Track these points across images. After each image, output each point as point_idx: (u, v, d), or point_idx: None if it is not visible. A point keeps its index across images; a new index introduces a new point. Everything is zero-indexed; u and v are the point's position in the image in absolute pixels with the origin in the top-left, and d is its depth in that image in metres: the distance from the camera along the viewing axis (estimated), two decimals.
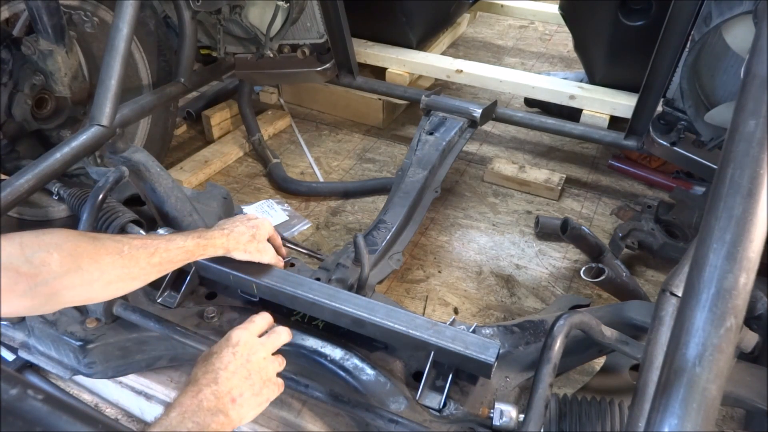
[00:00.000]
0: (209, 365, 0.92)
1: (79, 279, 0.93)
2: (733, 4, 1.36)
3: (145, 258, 1.05)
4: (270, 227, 1.35)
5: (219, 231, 1.25)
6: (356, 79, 2.46)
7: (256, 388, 0.94)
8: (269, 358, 1.00)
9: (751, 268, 0.73)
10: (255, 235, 1.29)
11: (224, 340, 0.97)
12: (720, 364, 0.70)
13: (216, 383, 0.88)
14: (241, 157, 2.58)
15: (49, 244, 0.90)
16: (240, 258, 1.28)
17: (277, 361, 1.01)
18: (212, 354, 0.95)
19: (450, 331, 1.17)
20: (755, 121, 0.79)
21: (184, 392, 0.86)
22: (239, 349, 0.95)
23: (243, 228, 1.28)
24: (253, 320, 1.03)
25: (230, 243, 1.24)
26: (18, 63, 1.72)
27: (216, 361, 0.92)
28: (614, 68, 2.36)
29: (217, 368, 0.91)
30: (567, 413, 1.08)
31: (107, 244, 0.99)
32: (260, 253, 1.30)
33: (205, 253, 1.20)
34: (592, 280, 1.57)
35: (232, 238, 1.25)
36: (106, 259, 0.97)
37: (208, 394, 0.86)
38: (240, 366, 0.93)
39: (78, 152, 1.56)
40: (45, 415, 0.60)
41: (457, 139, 2.04)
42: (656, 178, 2.38)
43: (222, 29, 2.18)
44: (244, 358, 0.95)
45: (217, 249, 1.22)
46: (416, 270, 1.99)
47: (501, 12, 3.66)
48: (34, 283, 0.86)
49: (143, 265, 1.04)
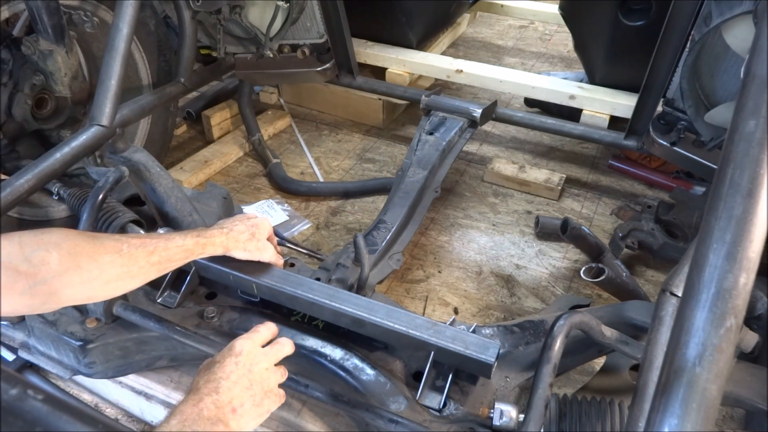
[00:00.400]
0: (211, 374, 0.91)
1: (78, 278, 0.93)
2: (733, 4, 1.36)
3: (144, 257, 1.04)
4: (269, 226, 1.35)
5: (218, 230, 1.24)
6: (356, 79, 2.46)
7: (257, 399, 0.93)
8: (271, 368, 0.99)
9: (751, 268, 0.73)
10: (254, 233, 1.29)
11: (227, 349, 0.97)
12: (720, 364, 0.70)
13: (217, 393, 0.88)
14: (241, 157, 2.58)
15: (48, 243, 0.90)
16: (240, 257, 1.28)
17: (279, 372, 1.01)
18: (215, 363, 0.94)
19: (450, 331, 1.17)
20: (755, 121, 0.79)
21: (185, 400, 0.86)
22: (242, 359, 0.95)
23: (242, 227, 1.28)
24: (258, 330, 1.03)
25: (230, 242, 1.24)
26: (18, 63, 1.72)
27: (218, 371, 0.92)
28: (614, 68, 2.36)
29: (218, 377, 0.91)
30: (567, 413, 1.08)
31: (106, 243, 0.99)
32: (260, 251, 1.30)
33: (204, 252, 1.19)
34: (592, 280, 1.57)
35: (232, 237, 1.25)
36: (105, 258, 0.97)
37: (208, 403, 0.86)
38: (242, 376, 0.93)
39: (78, 152, 1.56)
40: (45, 415, 0.60)
41: (457, 139, 2.04)
42: (656, 178, 2.38)
43: (222, 29, 2.18)
44: (246, 368, 0.94)
45: (216, 247, 1.22)
46: (416, 270, 1.99)
47: (501, 12, 3.66)
48: (33, 282, 0.86)
49: (142, 263, 1.04)
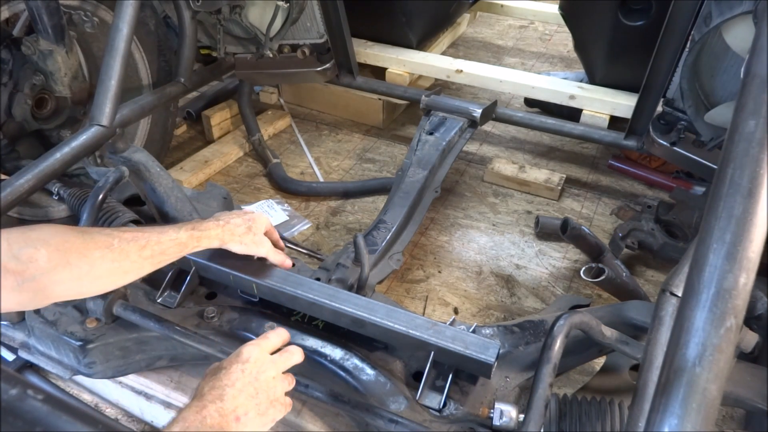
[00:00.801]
0: (216, 380, 0.90)
1: (68, 274, 0.92)
2: (733, 4, 1.36)
3: (136, 251, 1.02)
4: (266, 221, 1.32)
5: (214, 222, 1.22)
6: (356, 79, 2.46)
7: (263, 408, 0.92)
8: (279, 377, 0.97)
9: (751, 268, 0.73)
10: (251, 227, 1.26)
11: (234, 356, 0.95)
12: (720, 364, 0.70)
13: (221, 400, 0.87)
14: (241, 157, 2.58)
15: (36, 240, 0.89)
16: (236, 250, 1.24)
17: (286, 381, 0.99)
18: (221, 369, 0.93)
19: (450, 331, 1.17)
20: (755, 121, 0.79)
21: (189, 406, 0.85)
22: (248, 367, 0.93)
23: (239, 220, 1.25)
24: (267, 336, 1.01)
25: (225, 234, 1.21)
26: (18, 63, 1.72)
27: (224, 377, 0.90)
28: (614, 68, 2.36)
29: (224, 384, 0.89)
30: (567, 413, 1.08)
31: (96, 238, 0.98)
32: (257, 245, 1.26)
33: (199, 245, 1.16)
34: (592, 280, 1.57)
35: (228, 230, 1.21)
36: (95, 253, 0.96)
37: (212, 410, 0.84)
38: (248, 384, 0.91)
39: (78, 152, 1.56)
40: (45, 415, 0.60)
41: (457, 139, 2.04)
42: (656, 178, 2.38)
43: (222, 29, 2.18)
44: (252, 375, 0.93)
45: (212, 240, 1.19)
46: (416, 270, 1.99)
47: (501, 12, 3.66)
48: (21, 279, 0.86)
49: (134, 258, 1.02)
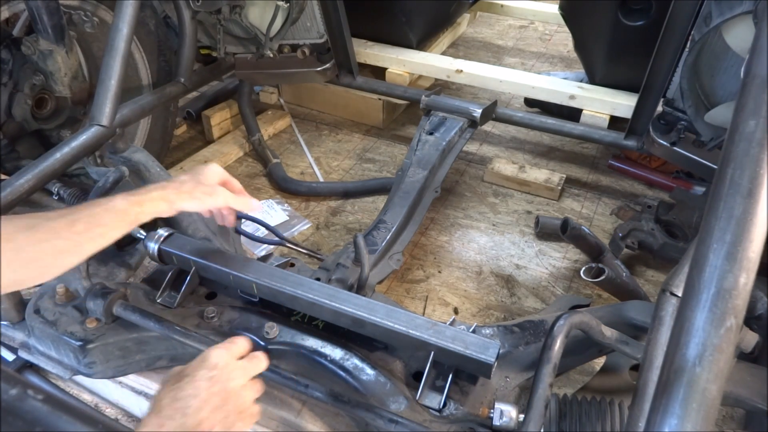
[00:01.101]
0: (179, 390, 0.80)
1: None
2: (733, 4, 1.36)
3: (65, 227, 0.94)
4: (220, 170, 1.20)
5: (156, 185, 1.11)
6: (356, 79, 2.46)
7: (230, 421, 0.82)
8: (248, 384, 0.89)
9: (751, 268, 0.73)
10: (200, 180, 1.15)
11: (200, 361, 0.86)
12: (720, 364, 0.70)
13: (184, 415, 0.77)
14: (241, 157, 2.58)
15: None
16: (190, 208, 1.13)
17: (255, 387, 0.90)
18: (184, 376, 0.82)
19: (450, 331, 1.17)
20: (755, 121, 0.79)
21: (144, 422, 0.75)
22: (217, 374, 0.84)
23: (185, 177, 1.16)
24: (235, 341, 0.93)
25: (170, 194, 1.10)
26: (18, 63, 1.72)
27: (187, 386, 0.80)
28: (614, 68, 2.36)
29: (187, 395, 0.79)
30: (567, 413, 1.08)
31: (19, 220, 0.91)
32: (210, 196, 1.15)
33: (143, 211, 1.05)
34: (592, 280, 1.57)
35: (172, 188, 1.11)
36: (18, 236, 0.88)
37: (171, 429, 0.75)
38: (214, 394, 0.81)
39: (78, 152, 1.56)
40: (45, 415, 0.60)
41: (457, 139, 2.04)
42: (656, 178, 2.38)
43: (222, 29, 2.18)
44: (220, 384, 0.83)
45: (156, 203, 1.08)
46: (416, 270, 1.99)
47: (501, 12, 3.66)
48: None
49: (66, 235, 0.94)
